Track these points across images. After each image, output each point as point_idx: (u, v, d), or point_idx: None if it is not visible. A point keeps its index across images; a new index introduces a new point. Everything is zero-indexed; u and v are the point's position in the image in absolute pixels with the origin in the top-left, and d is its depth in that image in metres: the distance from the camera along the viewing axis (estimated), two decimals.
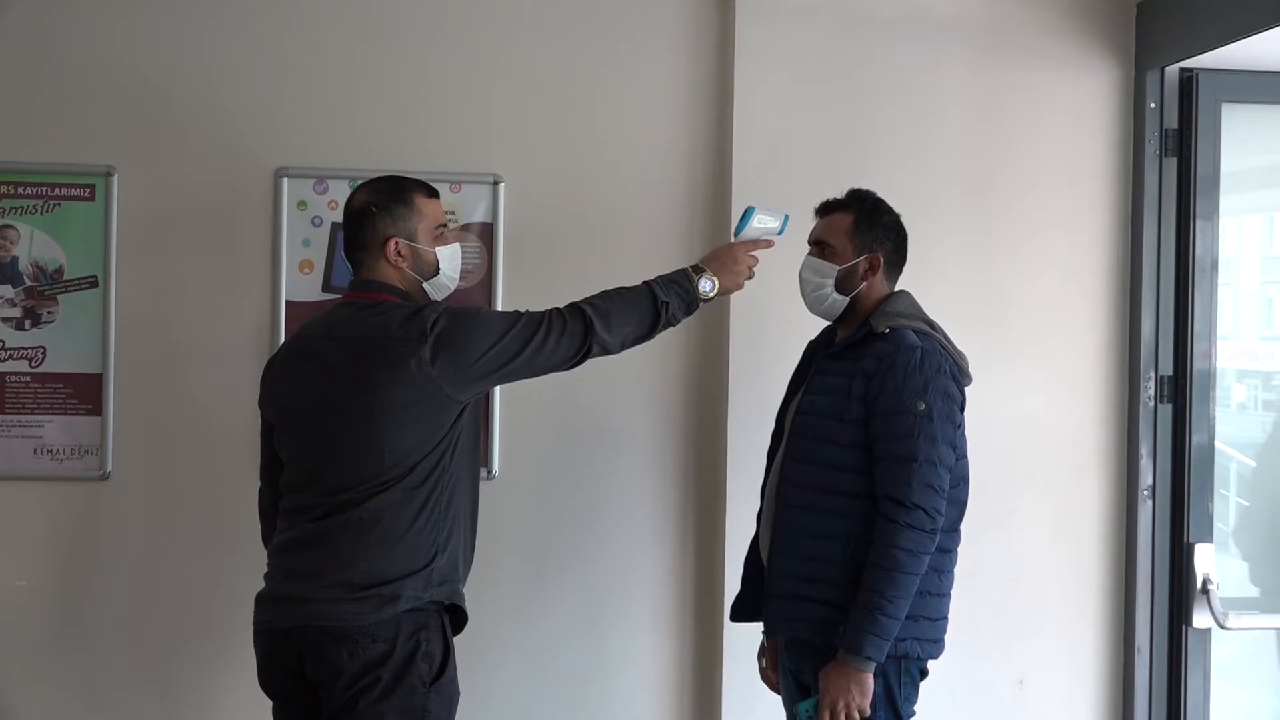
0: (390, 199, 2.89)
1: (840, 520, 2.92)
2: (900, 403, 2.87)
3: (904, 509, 2.84)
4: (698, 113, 3.74)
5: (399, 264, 2.88)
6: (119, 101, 3.58)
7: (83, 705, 3.60)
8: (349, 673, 2.74)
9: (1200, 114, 3.77)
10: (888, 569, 2.83)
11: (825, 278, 3.03)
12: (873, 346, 2.96)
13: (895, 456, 2.86)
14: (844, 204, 3.09)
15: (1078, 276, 3.82)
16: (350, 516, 2.79)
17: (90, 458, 3.57)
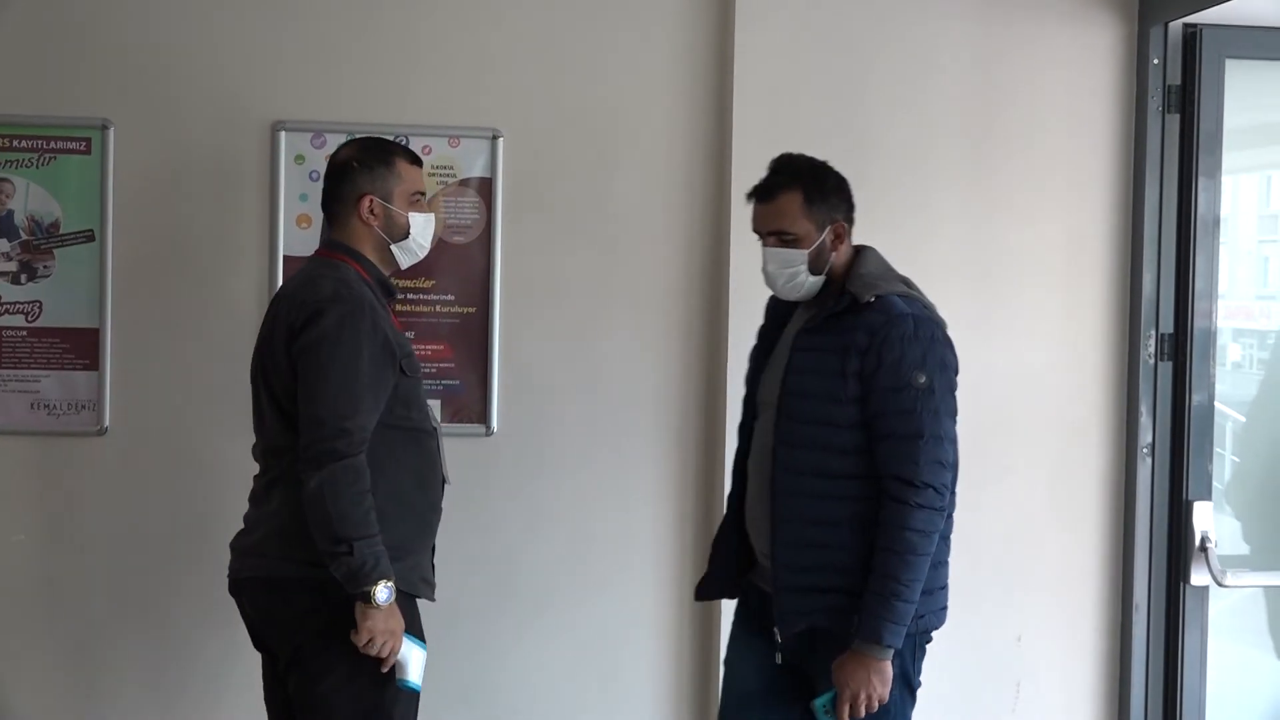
0: (372, 157, 2.92)
1: (845, 504, 2.82)
2: (899, 378, 2.75)
3: (913, 489, 2.74)
4: (697, 65, 3.71)
5: (370, 222, 2.90)
6: (115, 54, 3.56)
7: (79, 658, 3.61)
8: (286, 623, 2.81)
9: (1204, 70, 3.75)
10: (900, 552, 2.73)
11: (796, 266, 2.88)
12: (860, 318, 2.80)
13: (899, 434, 2.75)
14: (784, 182, 2.90)
15: (1078, 233, 3.80)
16: (270, 476, 2.87)
17: (87, 413, 3.56)
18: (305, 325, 2.75)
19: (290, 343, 2.78)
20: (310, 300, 2.77)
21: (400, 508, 2.83)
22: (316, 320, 2.75)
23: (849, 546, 2.80)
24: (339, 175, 2.93)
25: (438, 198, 3.62)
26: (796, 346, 2.89)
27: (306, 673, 2.79)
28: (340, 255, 2.90)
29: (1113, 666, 3.84)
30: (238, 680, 3.60)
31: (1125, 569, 3.82)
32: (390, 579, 2.70)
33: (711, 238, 3.72)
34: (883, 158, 3.70)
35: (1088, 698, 3.83)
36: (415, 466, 2.90)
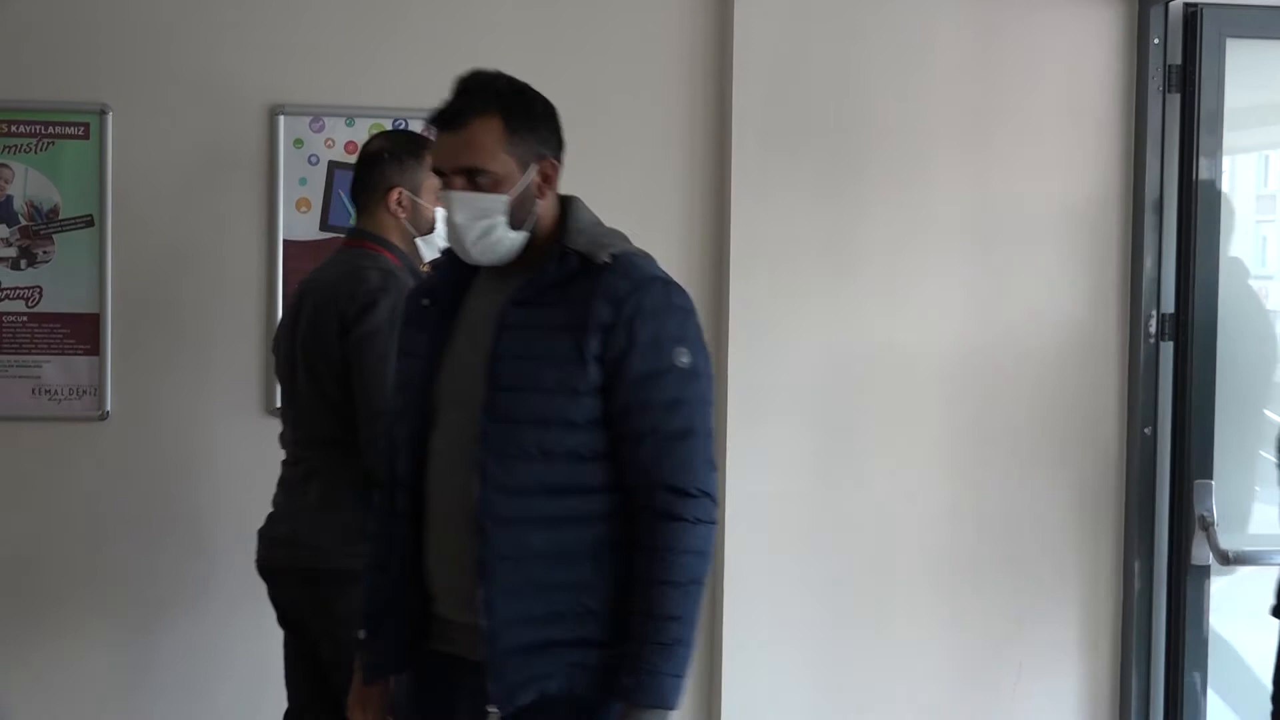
0: (403, 150, 2.95)
1: (585, 529, 2.20)
2: (658, 359, 2.17)
3: (689, 500, 2.16)
4: (696, 49, 3.71)
5: (398, 214, 2.93)
6: (113, 39, 3.55)
7: (80, 643, 3.61)
8: (329, 615, 2.79)
9: (1204, 49, 3.74)
10: (680, 583, 2.15)
11: (493, 217, 2.21)
12: (595, 284, 2.18)
13: (664, 431, 2.17)
14: (479, 105, 2.24)
15: (1079, 214, 3.79)
16: (308, 466, 2.88)
17: (88, 398, 3.56)
18: (359, 318, 2.77)
19: (344, 336, 2.79)
20: (360, 292, 2.79)
21: None
22: (370, 312, 2.77)
23: (593, 584, 2.19)
24: (370, 165, 2.95)
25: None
26: (505, 325, 2.21)
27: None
28: (374, 245, 2.92)
29: (1115, 646, 3.84)
30: (238, 663, 3.61)
31: (1127, 549, 3.82)
32: None
33: (712, 223, 3.72)
34: (882, 139, 3.70)
35: (1090, 678, 3.83)
36: None
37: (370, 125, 3.58)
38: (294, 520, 2.90)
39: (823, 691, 3.75)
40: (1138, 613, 3.80)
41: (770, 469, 3.67)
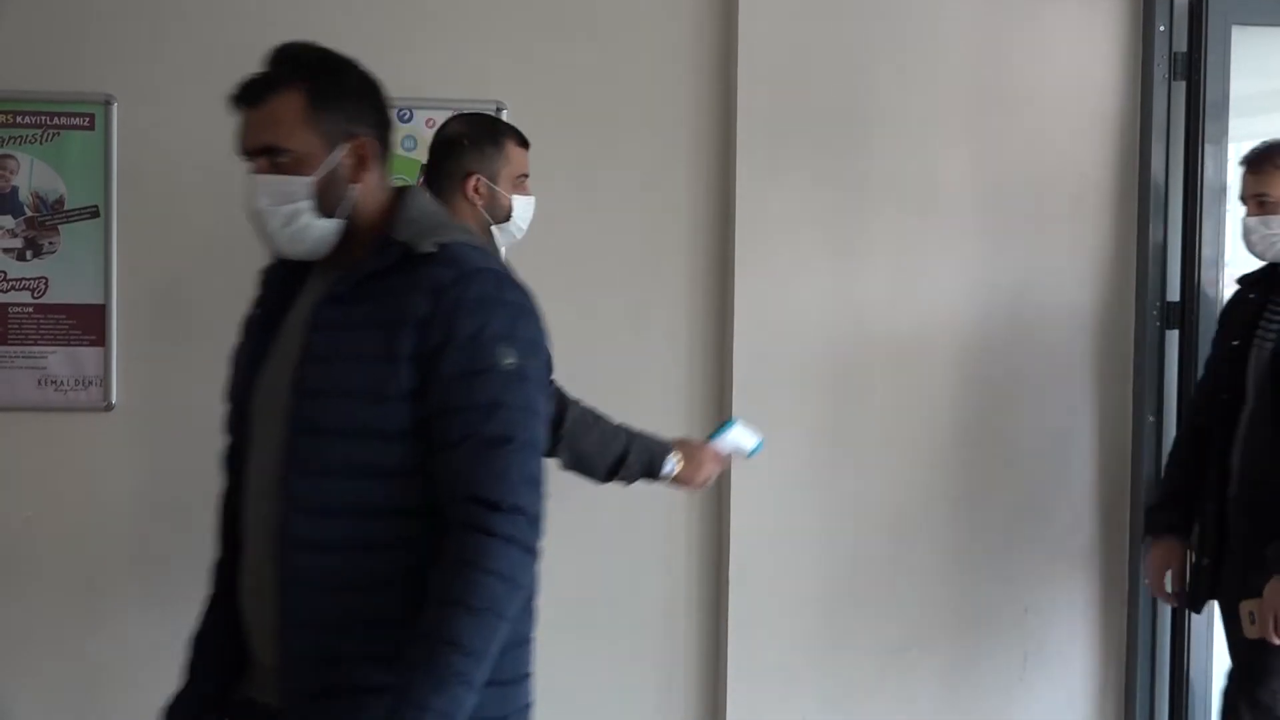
0: (483, 136, 2.92)
1: (397, 556, 1.93)
2: (479, 357, 1.91)
3: (499, 514, 1.87)
4: (703, 35, 3.70)
5: (475, 201, 2.90)
6: (118, 29, 3.54)
7: (86, 634, 3.61)
8: None
9: (1210, 37, 3.74)
10: (476, 608, 1.83)
11: (295, 201, 2.00)
12: (415, 277, 1.95)
13: (478, 437, 1.90)
14: (280, 78, 2.07)
15: (1083, 201, 3.79)
16: None
17: (94, 388, 3.56)
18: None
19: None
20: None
21: None
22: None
23: (404, 619, 1.89)
24: (447, 150, 2.93)
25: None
26: (315, 325, 1.99)
27: None
28: None
29: (1120, 637, 3.85)
30: None
31: (1132, 538, 3.82)
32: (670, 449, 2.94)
33: (718, 209, 3.71)
34: (888, 126, 3.70)
35: (1095, 668, 3.84)
36: None
37: None
38: None
39: (827, 679, 3.76)
40: (1142, 603, 3.80)
41: (775, 457, 3.66)
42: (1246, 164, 3.25)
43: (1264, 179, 3.21)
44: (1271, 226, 3.20)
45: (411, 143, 3.62)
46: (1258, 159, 3.23)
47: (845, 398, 3.73)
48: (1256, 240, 3.24)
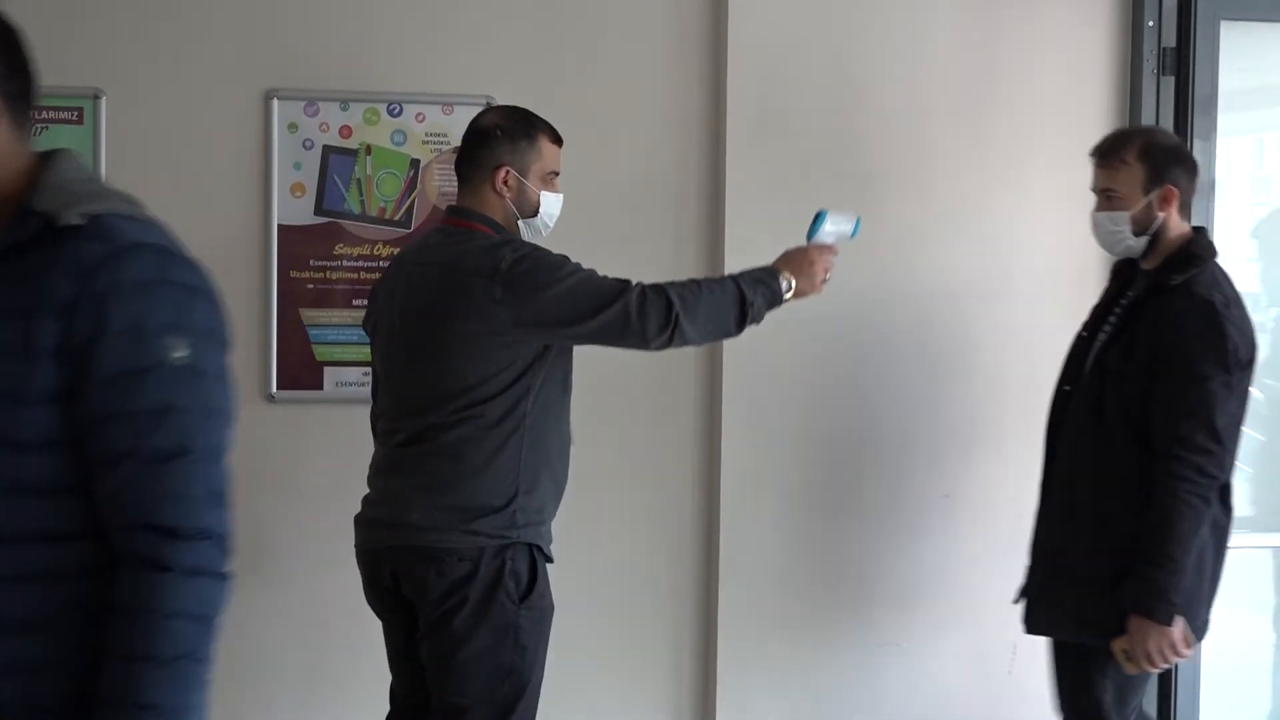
0: (517, 129, 2.94)
1: (53, 591, 1.65)
2: (140, 352, 1.64)
3: (181, 543, 1.63)
4: (693, 32, 3.70)
5: (503, 193, 2.92)
6: (106, 23, 3.53)
7: None
8: (437, 590, 2.82)
9: (1198, 32, 3.75)
10: (163, 659, 1.61)
11: None
12: (57, 254, 1.65)
13: (145, 450, 1.63)
14: None
15: (1074, 196, 3.78)
16: (430, 445, 2.86)
17: None
18: (515, 261, 2.79)
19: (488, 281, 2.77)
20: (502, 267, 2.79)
21: (549, 475, 2.92)
22: (524, 252, 2.82)
23: (66, 664, 1.64)
24: (480, 140, 2.94)
25: (431, 165, 3.62)
26: None
27: (451, 638, 2.83)
28: (481, 226, 2.91)
29: None
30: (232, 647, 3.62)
31: None
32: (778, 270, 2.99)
33: (708, 202, 3.72)
34: (878, 122, 3.70)
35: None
36: (563, 437, 2.98)
37: (364, 109, 3.59)
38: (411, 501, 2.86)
39: (816, 672, 3.77)
40: None
41: (764, 454, 3.68)
42: (1095, 156, 3.08)
43: (1112, 174, 3.02)
44: (1119, 223, 3.00)
45: (401, 137, 3.62)
46: (1105, 152, 3.05)
47: (835, 394, 3.73)
48: (1103, 236, 3.08)
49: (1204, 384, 2.83)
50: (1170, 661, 2.89)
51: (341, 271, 3.62)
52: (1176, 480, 2.82)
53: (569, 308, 2.81)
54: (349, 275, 3.62)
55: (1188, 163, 3.05)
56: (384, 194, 3.63)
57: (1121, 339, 2.98)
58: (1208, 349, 2.85)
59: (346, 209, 3.61)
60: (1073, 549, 3.00)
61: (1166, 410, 2.86)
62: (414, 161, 3.63)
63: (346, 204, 3.61)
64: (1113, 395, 2.94)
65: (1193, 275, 2.94)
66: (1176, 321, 2.88)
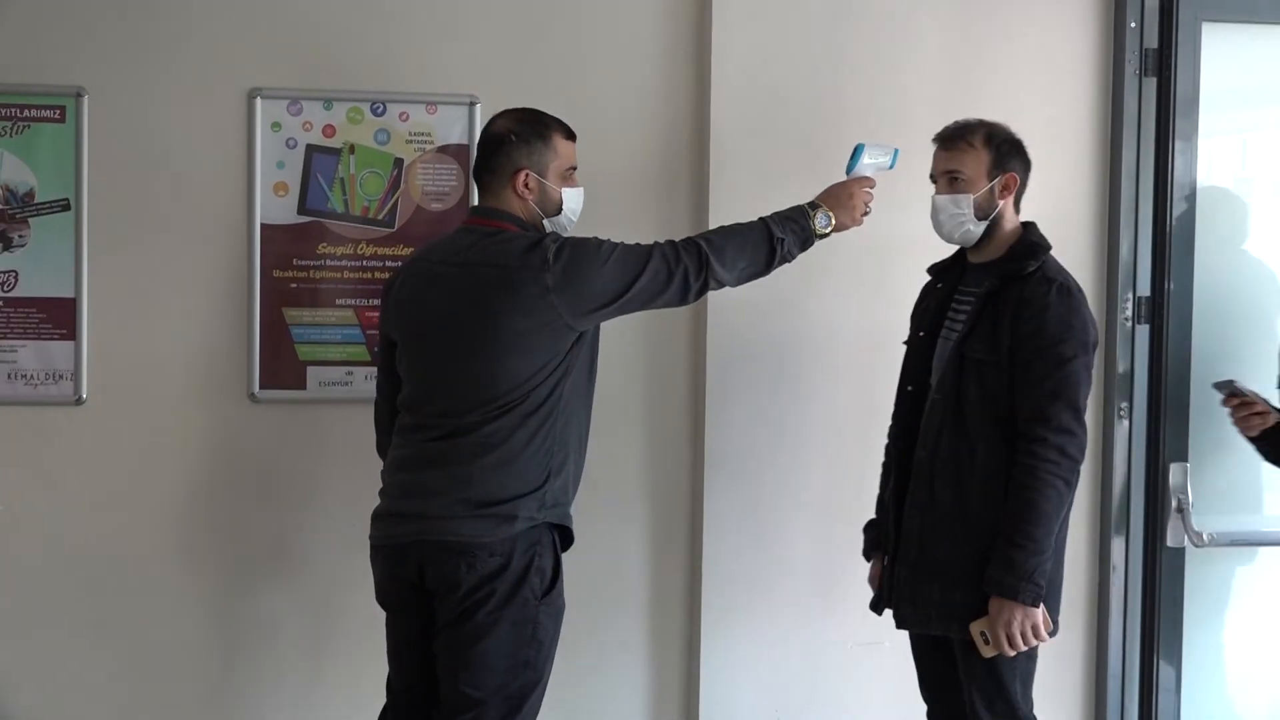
0: (531, 132, 2.96)
1: None
2: None
3: None
4: (677, 32, 3.70)
5: (525, 196, 2.96)
6: (89, 21, 3.52)
7: (54, 632, 3.60)
8: (467, 585, 2.86)
9: (1180, 33, 3.76)
10: None
11: None
12: None
13: None
14: None
15: (1056, 197, 3.80)
16: (469, 439, 2.88)
17: (65, 382, 3.54)
18: (558, 250, 2.85)
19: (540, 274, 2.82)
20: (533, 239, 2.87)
21: (575, 457, 2.98)
22: (563, 241, 2.89)
23: None
24: (495, 146, 2.97)
25: (415, 164, 3.61)
26: None
27: (474, 631, 2.87)
28: (507, 224, 2.95)
29: (1090, 628, 3.87)
30: (217, 649, 3.62)
31: (1103, 530, 3.84)
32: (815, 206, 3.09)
33: (691, 205, 3.72)
34: (861, 122, 3.69)
35: (1064, 659, 3.85)
36: (586, 420, 3.03)
37: (348, 109, 3.58)
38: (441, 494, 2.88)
39: (800, 673, 3.77)
40: (1114, 595, 3.82)
41: (748, 453, 3.68)
42: (940, 140, 3.12)
43: (959, 156, 3.07)
44: (961, 206, 3.06)
45: (385, 136, 3.62)
46: (952, 135, 3.10)
47: (817, 394, 3.73)
48: (945, 220, 3.10)
49: (1068, 365, 2.91)
50: (1030, 644, 2.92)
51: (325, 271, 3.61)
52: (1039, 461, 2.88)
53: (617, 280, 2.87)
54: (332, 275, 3.62)
55: (1025, 156, 3.13)
56: (367, 193, 3.62)
57: (981, 329, 3.00)
58: (1071, 331, 2.93)
59: (330, 208, 3.61)
60: (936, 542, 3.02)
61: (1032, 392, 2.91)
62: (398, 161, 3.63)
63: (330, 203, 3.61)
64: (974, 386, 2.98)
65: (1044, 262, 3.04)
66: (1040, 306, 2.94)
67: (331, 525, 3.59)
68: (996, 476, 2.95)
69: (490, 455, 2.87)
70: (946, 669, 3.12)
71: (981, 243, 3.11)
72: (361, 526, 3.05)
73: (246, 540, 3.63)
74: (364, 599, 3.12)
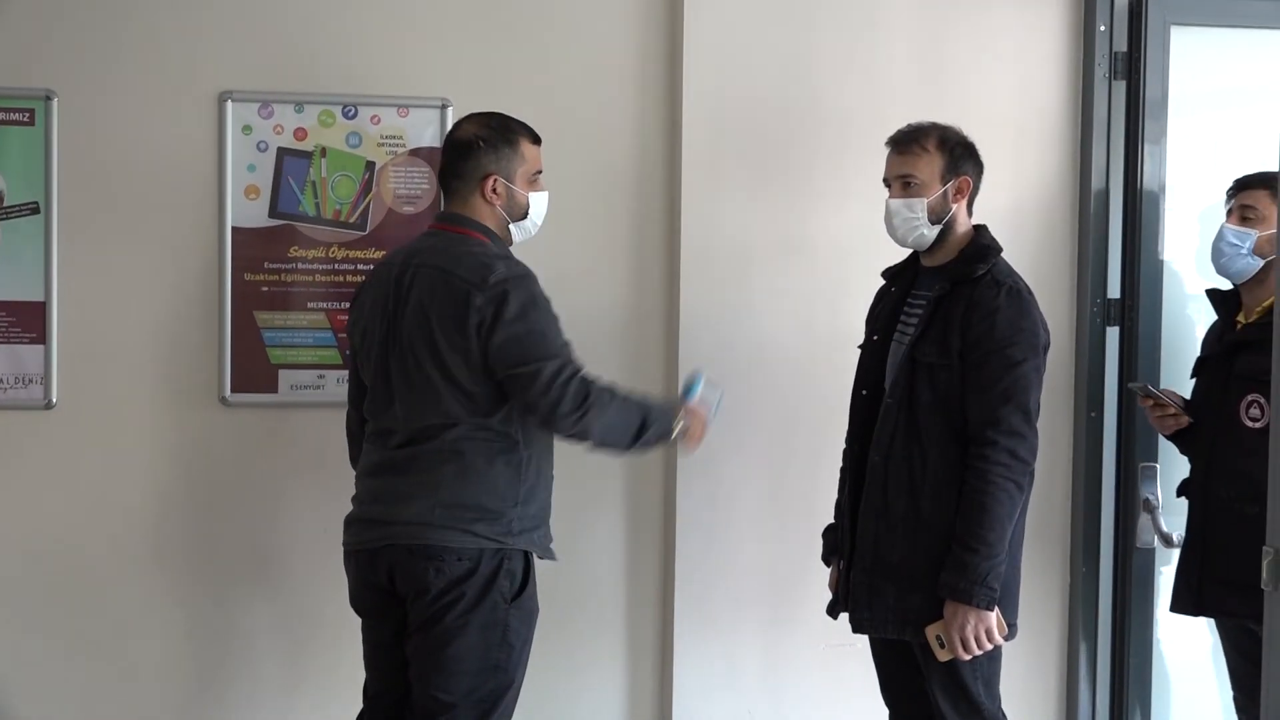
0: (498, 137, 2.98)
1: None
2: None
3: None
4: (649, 34, 3.71)
5: (493, 201, 2.97)
6: (58, 23, 3.51)
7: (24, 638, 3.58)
8: (435, 588, 2.87)
9: (1149, 36, 3.78)
10: None
11: None
12: None
13: None
14: None
15: (1026, 199, 3.82)
16: (432, 445, 2.90)
17: (34, 386, 3.53)
18: (498, 311, 2.83)
19: (482, 328, 2.83)
20: (491, 282, 2.84)
21: (542, 479, 2.98)
22: (508, 301, 2.83)
23: None
24: (462, 152, 2.98)
25: (386, 167, 3.61)
26: None
27: (443, 634, 2.88)
28: (474, 232, 2.96)
29: (1061, 629, 3.88)
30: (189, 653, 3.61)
31: (1073, 532, 3.86)
32: (677, 409, 3.05)
33: (663, 208, 3.72)
34: (832, 123, 3.71)
35: (1036, 660, 3.86)
36: (551, 439, 3.03)
37: (319, 112, 3.58)
38: (410, 499, 2.91)
39: (773, 671, 3.78)
40: (1084, 596, 3.84)
41: (721, 453, 3.68)
42: (893, 144, 3.10)
43: (912, 160, 3.05)
44: (915, 210, 3.04)
45: (357, 139, 3.62)
46: (904, 139, 3.08)
47: (790, 396, 3.74)
48: (899, 224, 3.07)
49: (1018, 368, 2.92)
50: (984, 648, 2.93)
51: (296, 274, 3.61)
52: (990, 465, 2.89)
53: (516, 345, 2.85)
54: (304, 278, 3.61)
55: (978, 159, 3.11)
56: (339, 196, 3.62)
57: (932, 333, 3.00)
58: (1021, 334, 2.94)
59: (301, 211, 3.60)
60: (891, 546, 3.01)
61: (982, 396, 2.92)
62: (369, 164, 3.62)
63: (301, 206, 3.60)
64: (926, 390, 2.99)
65: (994, 265, 3.04)
66: (989, 309, 2.95)
67: (303, 529, 3.59)
68: (950, 480, 2.96)
69: (455, 463, 2.88)
70: (907, 672, 3.13)
71: (934, 246, 3.10)
72: (334, 530, 3.06)
73: (218, 544, 3.62)
74: (338, 603, 3.14)
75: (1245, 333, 3.32)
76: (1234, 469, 3.25)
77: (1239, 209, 3.36)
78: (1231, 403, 3.28)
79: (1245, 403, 3.24)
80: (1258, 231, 3.32)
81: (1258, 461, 3.04)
